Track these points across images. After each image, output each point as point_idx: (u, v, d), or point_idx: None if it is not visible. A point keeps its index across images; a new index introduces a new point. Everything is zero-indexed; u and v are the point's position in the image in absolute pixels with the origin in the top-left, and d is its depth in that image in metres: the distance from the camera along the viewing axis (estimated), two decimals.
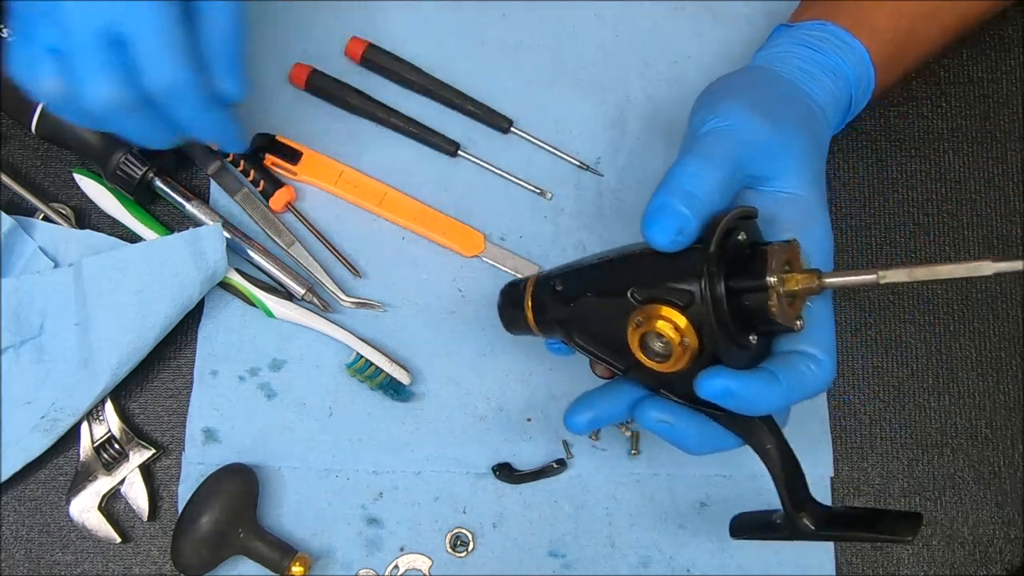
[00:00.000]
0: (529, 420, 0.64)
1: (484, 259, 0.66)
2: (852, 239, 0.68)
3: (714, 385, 0.47)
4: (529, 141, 0.67)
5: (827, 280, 0.46)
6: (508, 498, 0.63)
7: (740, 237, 0.48)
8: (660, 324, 0.47)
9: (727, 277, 0.46)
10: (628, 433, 0.64)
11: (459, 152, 0.67)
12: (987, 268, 0.42)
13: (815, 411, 0.65)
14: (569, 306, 0.52)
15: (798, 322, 0.47)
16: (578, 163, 0.67)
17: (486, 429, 0.64)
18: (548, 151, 0.67)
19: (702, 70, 0.69)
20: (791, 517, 0.50)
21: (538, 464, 0.63)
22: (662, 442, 0.52)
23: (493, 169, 0.67)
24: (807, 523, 0.49)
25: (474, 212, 0.66)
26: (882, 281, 0.45)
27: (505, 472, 0.63)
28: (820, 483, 0.64)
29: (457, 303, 0.65)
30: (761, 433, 0.50)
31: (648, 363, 0.49)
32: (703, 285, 0.46)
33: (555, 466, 0.63)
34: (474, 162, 0.67)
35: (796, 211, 0.52)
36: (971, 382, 0.66)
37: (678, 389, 0.51)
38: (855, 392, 0.66)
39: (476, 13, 0.69)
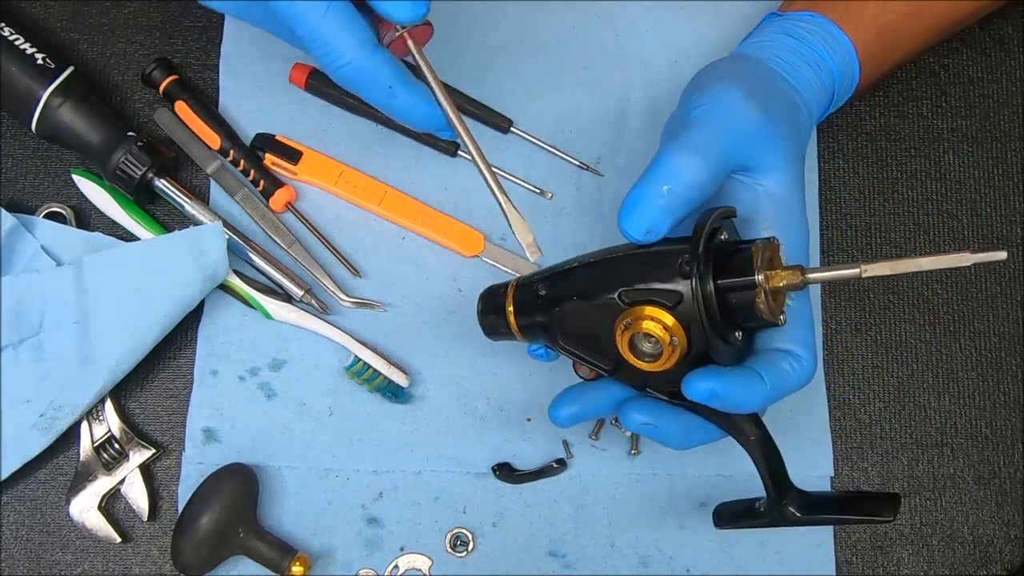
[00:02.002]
0: (529, 420, 0.64)
1: (484, 259, 0.66)
2: (852, 239, 0.68)
3: (701, 388, 0.48)
4: (529, 141, 0.67)
5: (810, 276, 0.47)
6: (508, 498, 0.63)
7: (723, 236, 0.50)
8: (649, 325, 0.48)
9: (714, 276, 0.47)
10: (628, 433, 0.64)
11: (459, 152, 0.67)
12: (968, 259, 0.43)
13: (815, 411, 0.65)
14: (553, 310, 0.52)
15: (781, 317, 0.48)
16: (578, 163, 0.67)
17: (486, 429, 0.64)
18: (548, 151, 0.67)
19: None
20: (774, 504, 0.51)
21: (538, 464, 0.63)
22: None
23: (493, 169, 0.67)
24: (791, 510, 0.50)
25: (474, 212, 0.66)
26: (864, 275, 0.46)
27: (505, 472, 0.62)
28: (820, 483, 0.64)
29: (457, 303, 0.65)
30: (743, 424, 0.51)
31: (637, 364, 0.49)
32: (693, 285, 0.47)
33: (555, 466, 0.63)
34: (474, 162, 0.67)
35: (776, 206, 0.52)
36: (971, 382, 0.66)
37: (664, 387, 0.52)
38: (855, 392, 0.66)
39: (476, 13, 0.69)
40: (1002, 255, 0.43)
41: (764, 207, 0.52)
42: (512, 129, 0.67)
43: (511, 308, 0.55)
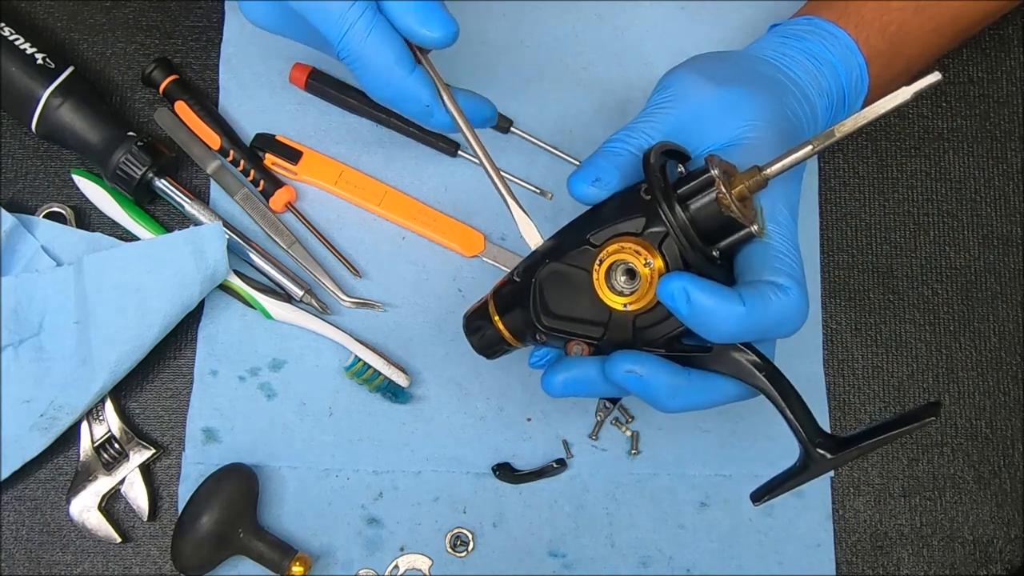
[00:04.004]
0: (529, 420, 0.64)
1: (484, 259, 0.66)
2: (852, 239, 0.68)
3: (673, 286, 0.45)
4: (529, 141, 0.67)
5: (769, 169, 0.47)
6: (508, 498, 0.63)
7: (679, 169, 0.51)
8: (621, 253, 0.48)
9: (674, 188, 0.48)
10: (628, 433, 0.64)
11: (459, 152, 0.67)
12: (905, 92, 0.43)
13: (815, 411, 0.64)
14: (531, 288, 0.51)
15: (755, 226, 0.47)
16: (578, 163, 0.67)
17: (486, 429, 0.64)
18: (548, 151, 0.67)
19: None
20: (809, 453, 0.47)
21: (538, 464, 0.63)
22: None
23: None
24: (824, 453, 0.47)
25: (474, 212, 0.66)
26: (816, 149, 0.46)
27: (505, 472, 0.62)
28: (820, 482, 0.64)
29: (457, 303, 0.65)
30: (750, 370, 0.48)
31: (617, 303, 0.48)
32: (657, 199, 0.47)
33: (555, 466, 0.63)
34: (474, 162, 0.67)
35: (752, 161, 0.49)
36: (971, 382, 0.66)
37: (656, 337, 0.50)
38: (855, 392, 0.66)
39: (476, 13, 0.69)
40: (935, 77, 0.43)
41: (742, 163, 0.50)
42: (512, 129, 0.67)
43: (494, 309, 0.54)
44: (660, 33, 0.69)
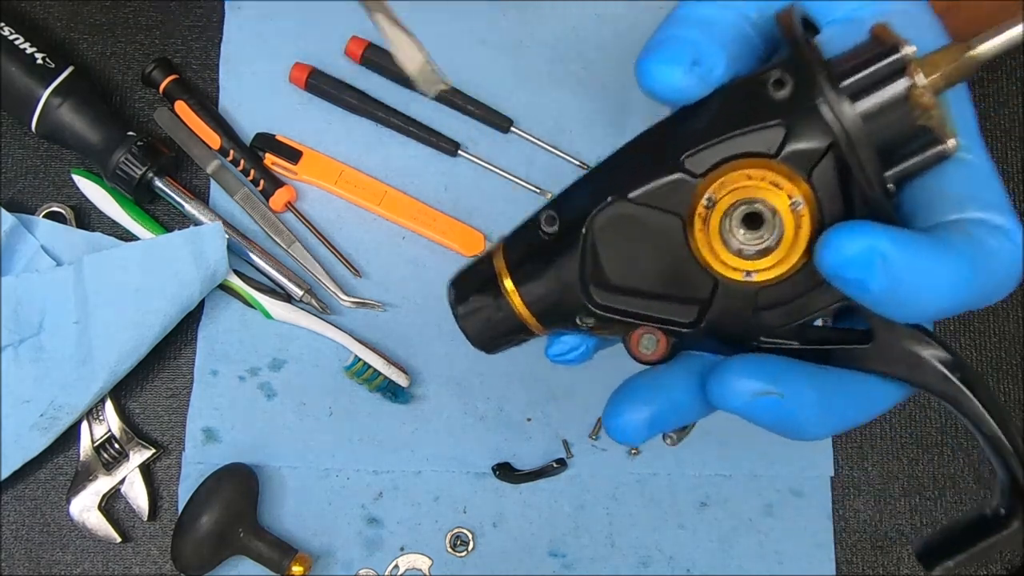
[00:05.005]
0: (529, 420, 0.64)
1: None
2: None
3: (857, 246, 0.28)
4: (529, 141, 0.67)
5: (980, 48, 0.30)
6: (508, 498, 0.63)
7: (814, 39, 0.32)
8: (745, 187, 0.31)
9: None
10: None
11: (459, 152, 0.67)
12: None
13: None
14: (578, 241, 0.33)
15: (951, 140, 0.30)
16: (578, 163, 0.67)
17: (486, 429, 0.64)
18: (548, 151, 0.67)
19: None
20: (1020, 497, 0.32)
21: (538, 464, 0.63)
22: (662, 441, 0.41)
23: (493, 169, 0.67)
24: None
25: (474, 212, 0.66)
26: None
27: (505, 472, 0.62)
28: (820, 483, 0.64)
29: None
30: (937, 371, 0.32)
31: (734, 269, 0.31)
32: (821, 89, 0.29)
33: (555, 466, 0.63)
34: (474, 162, 0.67)
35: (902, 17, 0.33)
36: None
37: (784, 322, 0.32)
38: None
39: (476, 13, 0.69)
40: None
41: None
42: (512, 129, 0.67)
43: (509, 283, 0.35)
44: None
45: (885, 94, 0.30)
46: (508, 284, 0.35)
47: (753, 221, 0.31)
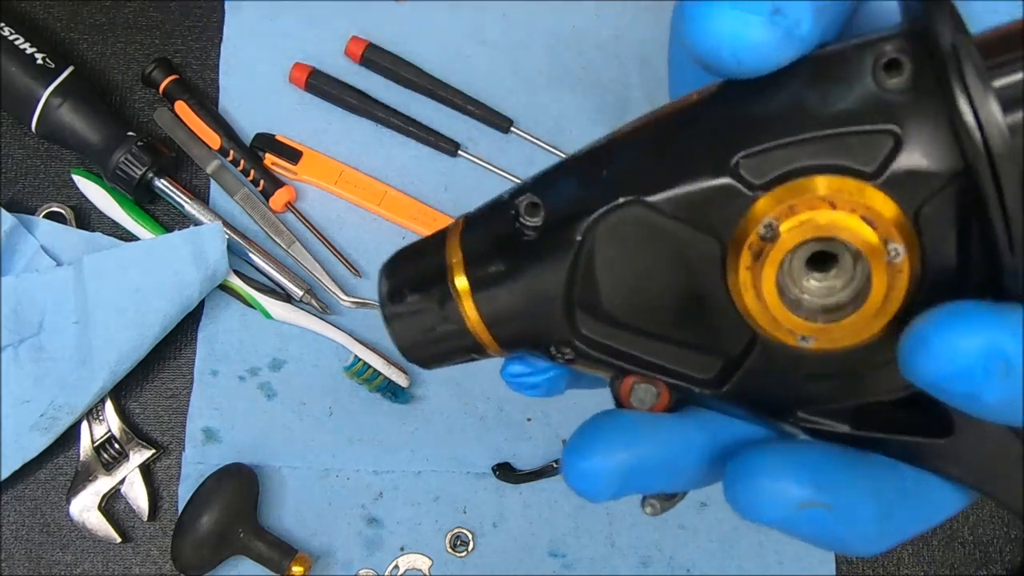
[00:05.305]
0: (529, 420, 0.64)
1: None
2: None
3: (965, 347, 0.20)
4: (529, 141, 0.67)
5: None
6: (508, 498, 0.63)
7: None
8: (831, 218, 0.21)
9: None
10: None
11: (459, 152, 0.67)
12: None
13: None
14: (568, 249, 0.24)
15: None
16: None
17: (486, 429, 0.64)
18: (548, 151, 0.67)
19: None
20: None
21: (538, 464, 0.63)
22: (640, 508, 0.29)
23: (493, 169, 0.67)
24: None
25: None
26: None
27: (505, 472, 0.62)
28: None
29: None
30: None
31: (790, 330, 0.22)
32: (972, 98, 0.20)
33: (555, 466, 0.63)
34: (474, 162, 0.67)
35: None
36: None
37: (836, 397, 0.24)
38: None
39: (476, 13, 0.69)
40: None
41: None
42: (512, 129, 0.67)
43: (461, 277, 0.26)
44: (660, 33, 0.69)
45: None
46: (461, 284, 0.25)
47: (824, 263, 0.22)
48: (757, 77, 0.22)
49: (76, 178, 0.65)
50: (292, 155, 0.66)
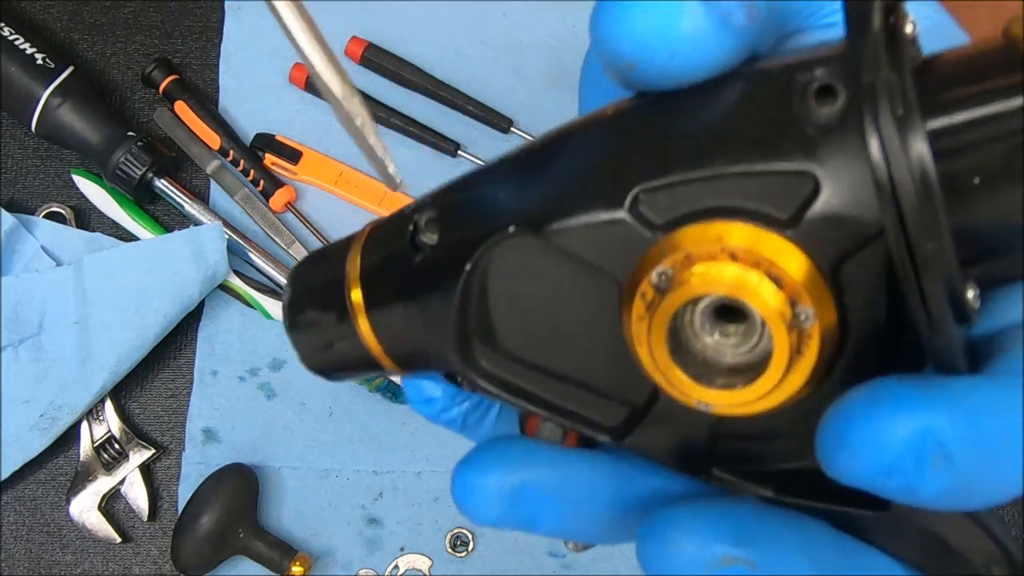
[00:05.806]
0: None
1: None
2: None
3: (894, 436, 0.17)
4: (529, 141, 0.67)
5: None
6: None
7: (908, 30, 0.18)
8: (731, 274, 0.18)
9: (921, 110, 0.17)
10: None
11: (459, 152, 0.67)
12: None
13: None
14: (456, 278, 0.22)
15: None
16: None
17: None
18: None
19: None
20: None
21: None
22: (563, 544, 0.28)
23: None
24: None
25: None
26: None
27: None
28: None
29: None
30: (962, 560, 0.22)
31: (690, 393, 0.20)
32: (880, 135, 0.17)
33: None
34: (474, 162, 0.67)
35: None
36: None
37: (754, 457, 0.21)
38: None
39: (476, 13, 0.69)
40: None
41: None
42: (512, 129, 0.67)
43: (356, 290, 0.24)
44: None
45: (986, 124, 0.17)
46: (356, 298, 0.24)
47: (735, 315, 0.19)
48: (676, 91, 0.20)
49: (76, 178, 0.65)
50: (292, 155, 0.66)
